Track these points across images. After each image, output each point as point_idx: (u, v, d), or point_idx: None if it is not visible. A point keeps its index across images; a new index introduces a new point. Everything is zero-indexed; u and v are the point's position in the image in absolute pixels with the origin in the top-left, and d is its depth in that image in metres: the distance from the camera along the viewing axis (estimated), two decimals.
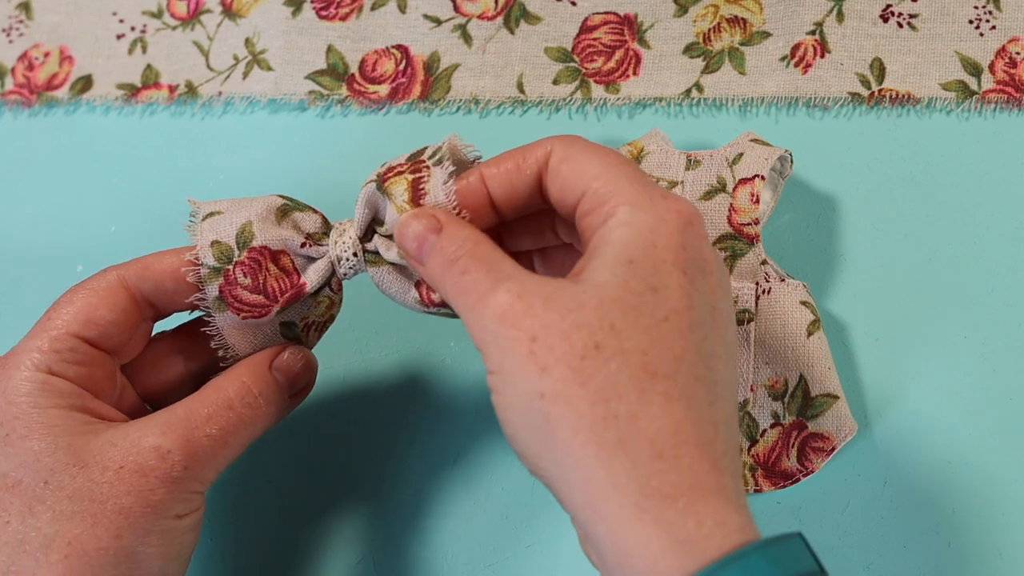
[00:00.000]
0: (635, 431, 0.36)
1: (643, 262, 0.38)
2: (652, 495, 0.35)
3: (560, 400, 0.36)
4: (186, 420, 0.43)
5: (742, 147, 0.51)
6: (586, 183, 0.40)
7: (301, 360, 0.46)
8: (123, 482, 0.41)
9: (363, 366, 0.54)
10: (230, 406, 0.43)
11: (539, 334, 0.37)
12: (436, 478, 0.52)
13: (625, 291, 0.37)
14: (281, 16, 0.61)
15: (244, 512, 0.53)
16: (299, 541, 0.52)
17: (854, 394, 0.51)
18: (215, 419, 0.43)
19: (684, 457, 0.36)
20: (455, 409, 0.53)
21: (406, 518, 0.52)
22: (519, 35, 0.59)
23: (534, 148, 0.42)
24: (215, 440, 0.43)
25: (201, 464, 0.43)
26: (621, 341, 0.37)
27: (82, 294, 0.44)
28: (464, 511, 0.52)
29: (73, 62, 0.62)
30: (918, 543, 0.48)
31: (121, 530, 0.41)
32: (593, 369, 0.36)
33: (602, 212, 0.39)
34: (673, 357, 0.37)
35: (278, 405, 0.45)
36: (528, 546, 0.51)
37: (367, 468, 0.53)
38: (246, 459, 0.53)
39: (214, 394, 0.44)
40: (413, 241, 0.41)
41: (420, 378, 0.54)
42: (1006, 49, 0.56)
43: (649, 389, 0.36)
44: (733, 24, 0.58)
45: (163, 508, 0.42)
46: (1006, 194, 0.54)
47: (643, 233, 0.38)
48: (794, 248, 0.54)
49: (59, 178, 0.60)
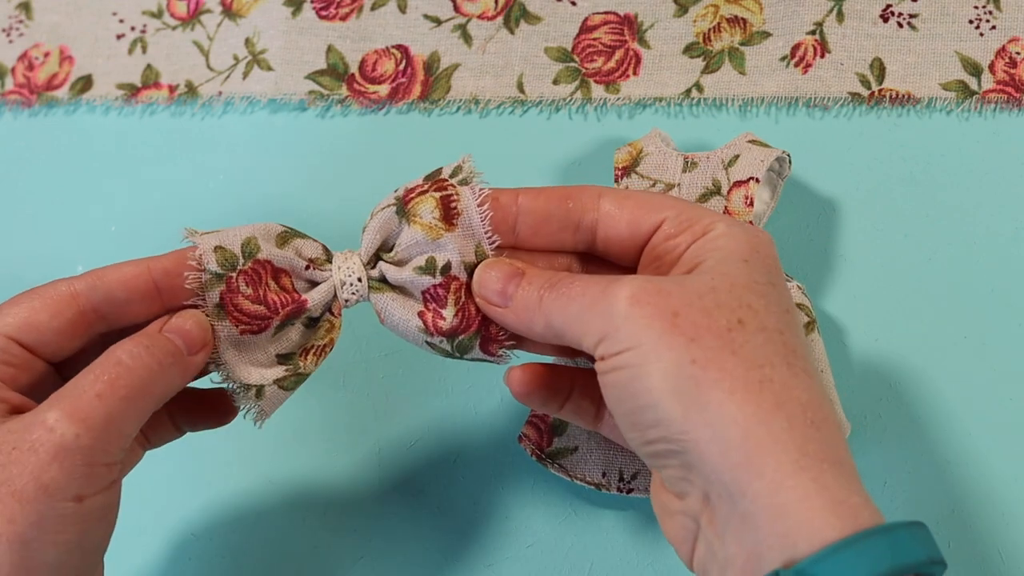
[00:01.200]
0: (790, 398, 0.37)
1: (756, 263, 0.41)
2: (811, 456, 0.36)
3: (714, 365, 0.38)
4: (73, 388, 0.41)
5: (739, 149, 0.51)
6: (663, 212, 0.42)
7: (190, 319, 0.44)
8: (15, 464, 0.39)
9: (363, 366, 0.54)
10: (118, 361, 0.41)
11: (680, 310, 0.39)
12: (436, 478, 0.52)
13: (752, 280, 0.40)
14: (281, 16, 0.61)
15: (244, 512, 0.53)
16: (299, 541, 0.52)
17: (853, 394, 0.51)
18: (102, 376, 0.41)
19: (828, 429, 0.38)
20: (455, 409, 0.53)
21: (406, 518, 0.52)
22: (519, 35, 0.59)
23: (581, 190, 0.44)
24: (107, 399, 0.40)
25: (95, 430, 0.40)
26: (762, 319, 0.39)
27: (28, 298, 0.43)
28: (464, 511, 0.52)
29: (73, 62, 0.62)
30: None
31: (14, 514, 0.39)
32: (742, 340, 0.38)
33: (695, 229, 0.42)
34: (802, 343, 0.40)
35: (178, 364, 0.43)
36: (528, 546, 0.51)
37: (367, 468, 0.53)
38: (246, 459, 0.53)
39: (103, 359, 0.42)
40: (497, 284, 0.43)
41: (420, 378, 0.54)
42: (1006, 49, 0.56)
43: (794, 364, 0.38)
44: (733, 24, 0.58)
45: (58, 488, 0.39)
46: (1006, 194, 0.54)
47: (747, 242, 0.41)
48: (794, 248, 0.54)
49: (59, 178, 0.60)
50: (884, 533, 0.35)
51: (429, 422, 0.53)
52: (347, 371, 0.54)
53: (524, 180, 0.56)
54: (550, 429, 0.50)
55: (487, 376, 0.53)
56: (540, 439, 0.50)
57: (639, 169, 0.52)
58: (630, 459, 0.50)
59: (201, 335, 0.44)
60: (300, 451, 0.53)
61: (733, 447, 0.37)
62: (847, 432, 0.49)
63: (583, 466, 0.49)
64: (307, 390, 0.54)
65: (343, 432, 0.53)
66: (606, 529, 0.51)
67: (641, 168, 0.52)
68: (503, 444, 0.52)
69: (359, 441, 0.53)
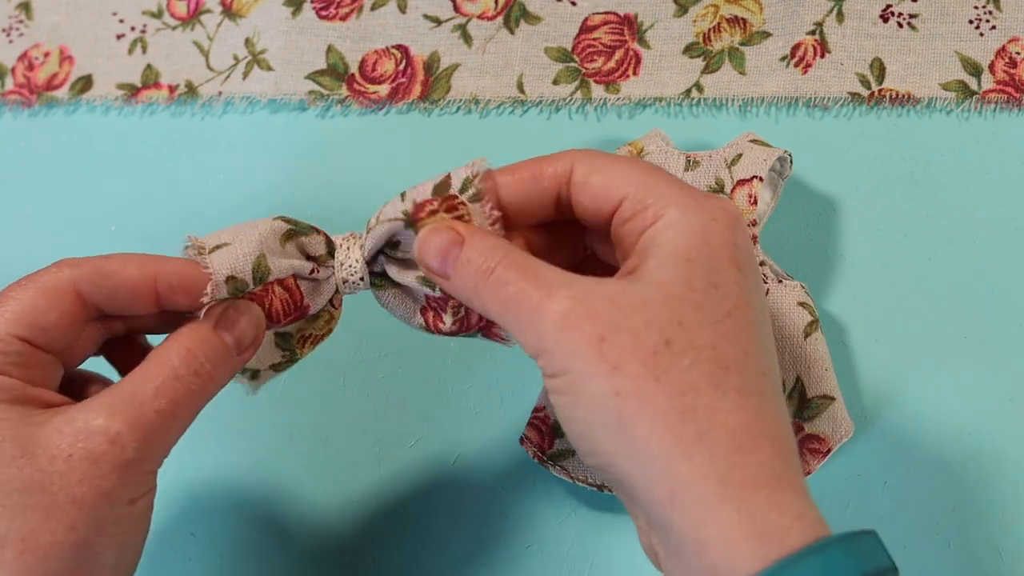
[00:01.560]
0: (713, 424, 0.36)
1: (701, 260, 0.38)
2: (733, 485, 0.36)
3: (635, 396, 0.37)
4: (133, 398, 0.40)
5: (741, 148, 0.51)
6: (623, 190, 0.40)
7: (244, 315, 0.43)
8: (74, 471, 0.39)
9: (363, 366, 0.54)
10: (177, 377, 0.41)
11: (606, 333, 0.37)
12: (436, 478, 0.52)
13: (688, 288, 0.38)
14: (281, 16, 0.61)
15: (244, 512, 0.53)
16: (299, 541, 0.52)
17: (854, 394, 0.51)
18: (163, 393, 0.41)
19: (760, 451, 0.36)
20: (455, 409, 0.53)
21: (406, 518, 0.52)
22: (519, 35, 0.59)
23: (552, 160, 0.42)
24: (165, 415, 0.41)
25: (153, 443, 0.41)
26: (691, 337, 0.37)
27: (31, 292, 0.42)
28: (464, 511, 0.52)
29: (73, 62, 0.62)
30: (918, 543, 0.48)
31: (75, 522, 0.39)
32: (667, 364, 0.37)
33: (647, 215, 0.40)
34: (740, 352, 0.38)
35: (227, 366, 0.43)
36: (528, 546, 0.51)
37: (367, 468, 0.53)
38: (245, 459, 0.53)
39: (158, 366, 0.41)
40: (436, 256, 0.41)
41: (420, 378, 0.54)
42: (1006, 49, 0.56)
43: (723, 383, 0.37)
44: (733, 24, 0.58)
45: (116, 495, 0.40)
46: (1006, 194, 0.54)
47: (696, 232, 0.39)
48: (794, 248, 0.54)
49: (59, 178, 0.60)
50: (814, 553, 0.35)
51: (429, 422, 0.53)
52: (347, 371, 0.54)
53: None
54: (551, 430, 0.50)
55: (487, 376, 0.53)
56: (542, 441, 0.50)
57: None
58: None
59: (253, 334, 0.43)
60: (300, 451, 0.53)
61: (656, 482, 0.36)
62: (850, 433, 0.49)
63: (585, 468, 0.49)
64: (307, 390, 0.54)
65: (343, 432, 0.53)
66: (606, 529, 0.51)
67: None
68: (503, 444, 0.52)
69: (359, 441, 0.53)
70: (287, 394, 0.54)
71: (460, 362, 0.54)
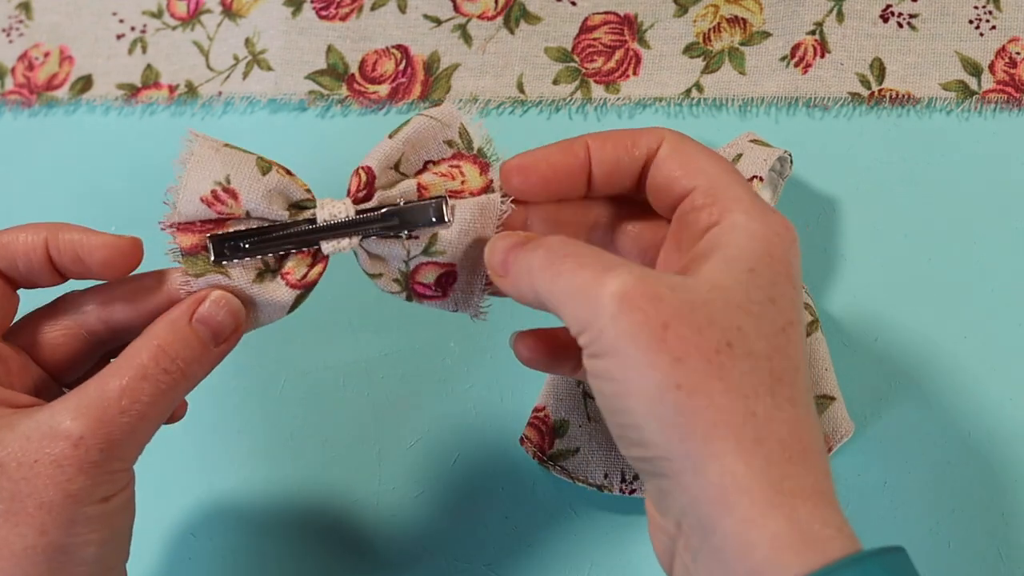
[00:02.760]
0: (770, 431, 0.36)
1: (762, 272, 0.39)
2: (785, 493, 0.36)
3: (700, 392, 0.36)
4: (98, 400, 0.40)
5: (741, 148, 0.51)
6: (697, 179, 0.41)
7: (224, 308, 0.42)
8: (39, 476, 0.39)
9: (363, 366, 0.54)
10: (145, 376, 0.40)
11: (671, 322, 0.36)
12: (436, 479, 0.52)
13: (748, 299, 0.38)
14: (281, 16, 0.61)
15: (244, 512, 0.53)
16: (299, 541, 0.52)
17: (854, 394, 0.51)
18: (129, 393, 0.40)
19: (807, 463, 0.37)
20: (455, 409, 0.53)
21: (406, 518, 0.52)
22: (519, 35, 0.59)
23: (644, 134, 0.43)
24: (132, 415, 0.40)
25: (119, 444, 0.40)
26: (750, 344, 0.37)
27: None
28: (464, 511, 0.52)
29: (73, 62, 0.62)
30: (918, 543, 0.48)
31: (45, 526, 0.39)
32: (729, 366, 0.37)
33: (713, 211, 0.40)
34: (792, 367, 0.38)
35: (203, 360, 0.42)
36: (528, 546, 0.51)
37: (367, 468, 0.53)
38: (245, 459, 0.53)
39: (126, 365, 0.41)
40: (500, 254, 0.42)
41: (420, 378, 0.54)
42: (1006, 49, 0.56)
43: (778, 393, 0.37)
44: (733, 24, 0.58)
45: (85, 495, 0.40)
46: (1006, 194, 0.54)
47: (760, 243, 0.39)
48: None
49: (59, 178, 0.60)
50: (854, 564, 0.35)
51: (429, 422, 0.53)
52: (347, 371, 0.54)
53: None
54: (551, 431, 0.50)
55: (487, 376, 0.53)
56: (542, 441, 0.50)
57: None
58: None
59: (232, 324, 0.43)
60: (300, 451, 0.53)
61: (710, 482, 0.36)
62: (850, 433, 0.49)
63: (585, 468, 0.49)
64: (307, 390, 0.54)
65: (343, 432, 0.53)
66: (606, 529, 0.51)
67: None
68: (503, 444, 0.52)
69: (359, 441, 0.53)
70: (287, 394, 0.54)
71: (460, 362, 0.54)
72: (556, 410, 0.50)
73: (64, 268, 0.44)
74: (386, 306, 0.52)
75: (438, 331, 0.54)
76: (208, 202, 0.42)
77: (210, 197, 0.42)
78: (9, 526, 0.39)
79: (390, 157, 0.43)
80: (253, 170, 0.42)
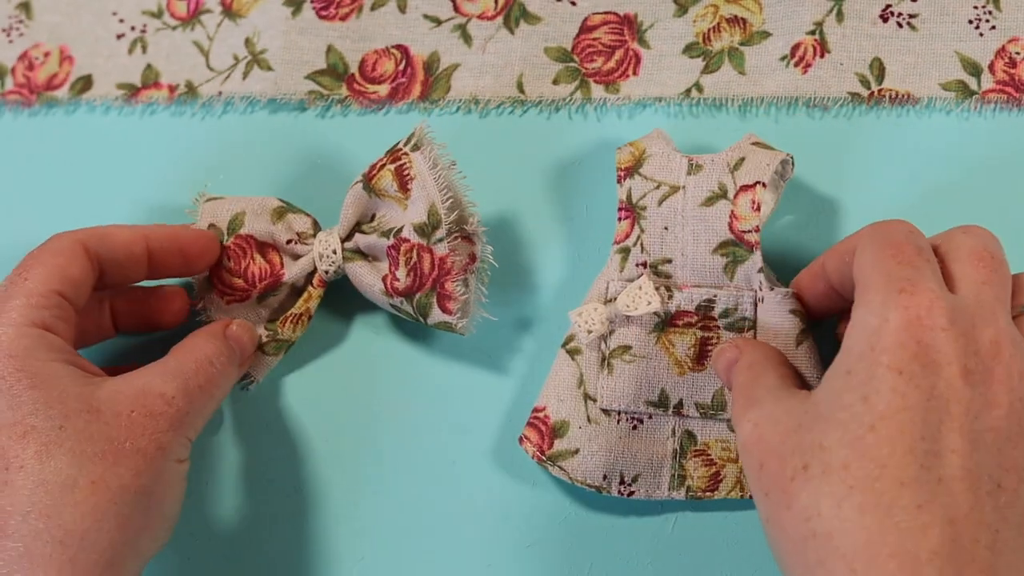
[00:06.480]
0: (830, 548, 0.37)
1: (858, 371, 0.39)
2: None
3: (773, 524, 0.40)
4: (180, 371, 0.46)
5: (744, 151, 0.51)
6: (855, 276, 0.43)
7: (247, 332, 0.51)
8: (136, 425, 0.44)
9: (362, 367, 0.54)
10: (210, 362, 0.48)
11: (765, 460, 0.40)
12: (436, 479, 0.52)
13: (837, 407, 0.39)
14: (281, 16, 0.61)
15: (244, 512, 0.53)
16: (299, 541, 0.52)
17: None
18: (202, 372, 0.47)
19: (877, 570, 0.36)
20: (456, 409, 0.53)
21: (406, 518, 0.52)
22: (519, 35, 0.59)
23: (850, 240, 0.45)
24: (203, 391, 0.47)
25: (196, 412, 0.46)
26: (827, 459, 0.38)
27: (48, 256, 0.46)
28: (464, 511, 0.52)
29: (73, 62, 0.62)
30: None
31: (140, 469, 0.43)
32: (798, 490, 0.39)
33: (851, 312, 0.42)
34: (876, 466, 0.37)
35: (234, 370, 0.50)
36: (528, 546, 0.51)
37: (367, 469, 0.53)
38: (245, 459, 0.53)
39: (193, 352, 0.48)
40: (724, 363, 0.47)
41: (420, 378, 0.54)
42: (1006, 49, 0.56)
43: (846, 504, 0.37)
44: (733, 24, 0.58)
45: (171, 451, 0.45)
46: (1006, 194, 0.54)
47: (863, 337, 0.39)
48: (794, 248, 0.54)
49: (59, 178, 0.60)
50: None
51: (429, 422, 0.53)
52: (347, 371, 0.54)
53: (524, 180, 0.56)
54: (551, 431, 0.50)
55: (487, 376, 0.53)
56: (541, 441, 0.50)
57: (642, 170, 0.51)
58: (631, 462, 0.50)
59: (251, 349, 0.51)
60: (299, 451, 0.53)
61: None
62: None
63: (584, 468, 0.49)
64: (307, 390, 0.54)
65: (343, 432, 0.53)
66: (606, 529, 0.51)
67: (644, 169, 0.52)
68: (503, 445, 0.52)
69: (359, 441, 0.53)
70: (287, 394, 0.54)
71: (460, 362, 0.54)
72: (556, 411, 0.50)
73: (162, 261, 0.49)
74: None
75: (438, 333, 0.54)
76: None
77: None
78: (106, 464, 0.43)
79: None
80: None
